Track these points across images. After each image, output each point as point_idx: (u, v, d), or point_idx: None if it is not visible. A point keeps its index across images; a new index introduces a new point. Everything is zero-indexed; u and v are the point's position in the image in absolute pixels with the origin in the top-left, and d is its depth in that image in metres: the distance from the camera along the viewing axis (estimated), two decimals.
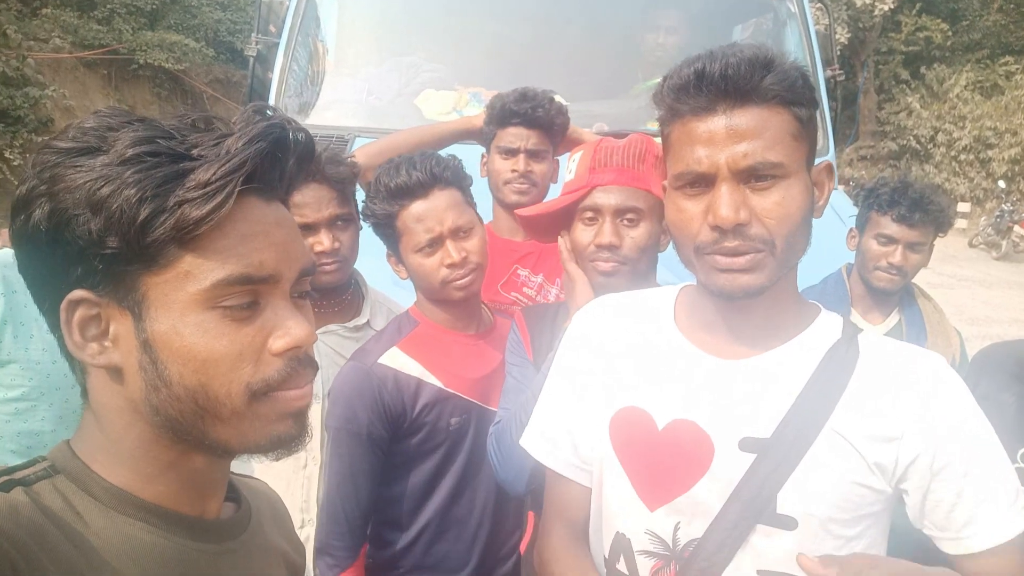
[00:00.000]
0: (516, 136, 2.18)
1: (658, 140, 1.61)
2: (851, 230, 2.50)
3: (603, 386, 1.19)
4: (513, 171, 2.16)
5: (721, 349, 1.12)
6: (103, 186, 0.65)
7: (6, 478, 0.69)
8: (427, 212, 1.63)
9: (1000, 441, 1.07)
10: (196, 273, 0.68)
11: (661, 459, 1.11)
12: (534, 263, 2.21)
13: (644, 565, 1.13)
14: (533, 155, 2.17)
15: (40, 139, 9.59)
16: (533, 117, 2.16)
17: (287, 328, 0.73)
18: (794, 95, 1.01)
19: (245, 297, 0.71)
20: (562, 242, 1.63)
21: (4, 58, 9.07)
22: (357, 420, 1.63)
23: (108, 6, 12.29)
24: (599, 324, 1.26)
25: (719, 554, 1.06)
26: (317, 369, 0.78)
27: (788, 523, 1.04)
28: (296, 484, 1.79)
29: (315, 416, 1.79)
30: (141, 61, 12.25)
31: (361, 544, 1.71)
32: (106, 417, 0.74)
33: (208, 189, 0.66)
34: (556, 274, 2.11)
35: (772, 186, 1.00)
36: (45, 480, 0.71)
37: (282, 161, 0.75)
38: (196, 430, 0.71)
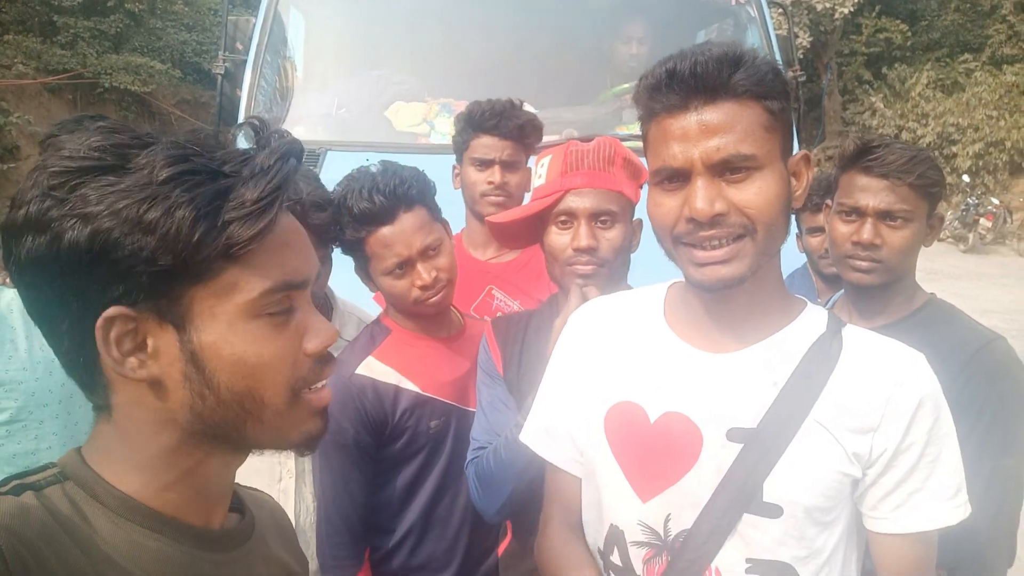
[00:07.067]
0: (491, 147, 2.16)
1: (626, 144, 1.64)
2: (796, 234, 2.41)
3: (597, 383, 1.22)
4: (489, 183, 2.15)
5: (708, 343, 1.14)
6: (150, 207, 0.66)
7: (17, 482, 0.71)
8: (395, 237, 1.63)
9: None
10: (243, 285, 0.71)
11: (653, 451, 1.14)
12: (509, 286, 2.19)
13: (637, 556, 1.15)
14: (508, 166, 2.15)
15: (5, 167, 9.44)
16: (507, 128, 2.14)
17: (317, 329, 0.77)
18: (764, 89, 1.04)
19: (284, 303, 0.75)
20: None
21: None
22: (343, 432, 1.63)
23: (72, 31, 12.17)
24: (592, 323, 1.29)
25: (708, 543, 1.09)
26: (335, 364, 0.83)
27: (774, 511, 1.07)
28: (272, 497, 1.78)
29: None
30: (107, 84, 12.15)
31: (364, 549, 1.72)
32: (132, 428, 0.75)
33: (257, 207, 0.69)
34: (530, 301, 2.10)
35: (747, 178, 1.03)
36: (55, 485, 0.72)
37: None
38: (235, 432, 0.75)
